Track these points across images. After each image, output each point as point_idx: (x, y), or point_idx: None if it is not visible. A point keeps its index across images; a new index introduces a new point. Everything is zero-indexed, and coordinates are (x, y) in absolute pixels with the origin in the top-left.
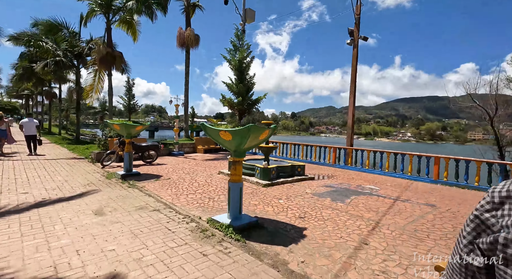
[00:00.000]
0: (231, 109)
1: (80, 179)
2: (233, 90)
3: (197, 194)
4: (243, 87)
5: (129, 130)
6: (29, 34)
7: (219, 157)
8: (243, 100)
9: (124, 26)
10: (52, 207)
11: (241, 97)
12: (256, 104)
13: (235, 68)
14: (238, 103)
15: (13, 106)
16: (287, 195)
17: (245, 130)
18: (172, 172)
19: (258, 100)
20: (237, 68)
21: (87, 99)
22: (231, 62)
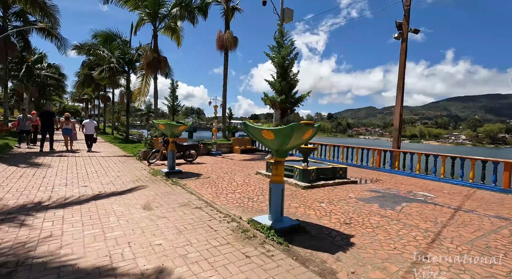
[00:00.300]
0: (273, 108)
1: (130, 175)
2: (275, 88)
3: (236, 193)
4: (286, 85)
5: (173, 130)
6: (90, 44)
7: (256, 158)
8: (286, 99)
9: (169, 33)
10: (107, 200)
11: (284, 96)
12: (299, 103)
13: (278, 65)
14: (281, 101)
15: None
16: (329, 199)
17: (288, 129)
18: (211, 171)
19: (301, 98)
20: (280, 65)
21: (135, 102)
22: (274, 59)
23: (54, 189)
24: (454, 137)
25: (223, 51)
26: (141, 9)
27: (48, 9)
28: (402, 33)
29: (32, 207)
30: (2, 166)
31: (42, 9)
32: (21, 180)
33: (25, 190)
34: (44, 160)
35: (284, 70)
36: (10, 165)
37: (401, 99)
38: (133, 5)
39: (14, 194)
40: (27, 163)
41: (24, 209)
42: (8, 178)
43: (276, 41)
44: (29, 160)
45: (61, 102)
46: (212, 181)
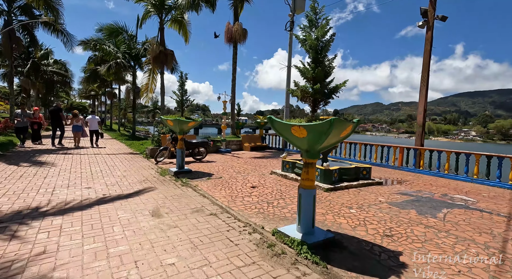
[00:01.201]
0: (303, 101)
1: (136, 175)
2: (307, 76)
3: (253, 197)
4: (321, 71)
5: (182, 126)
6: (95, 39)
7: (267, 155)
8: (321, 87)
9: (176, 26)
10: (112, 205)
11: (319, 84)
12: (334, 94)
13: (310, 48)
14: (315, 91)
15: (83, 106)
16: (357, 203)
17: (325, 125)
18: (223, 170)
19: (337, 88)
20: (313, 48)
21: (142, 98)
22: (307, 41)
23: (54, 191)
24: (464, 133)
25: (231, 44)
26: (147, 0)
27: (52, 2)
28: (427, 21)
29: (28, 214)
30: (3, 165)
31: (46, 2)
32: (21, 181)
33: (23, 193)
34: (48, 157)
35: (319, 54)
36: (11, 164)
37: (425, 93)
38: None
39: (10, 197)
40: (30, 162)
41: (19, 216)
42: (7, 178)
43: (308, 20)
44: (32, 158)
45: (68, 99)
46: (225, 181)
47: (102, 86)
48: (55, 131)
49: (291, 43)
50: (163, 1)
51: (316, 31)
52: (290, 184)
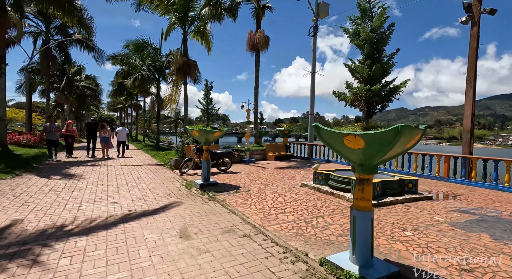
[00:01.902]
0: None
1: (162, 188)
2: (361, 75)
3: (288, 214)
4: (379, 69)
5: (208, 137)
6: (122, 54)
7: (293, 165)
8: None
9: (198, 37)
10: (137, 223)
11: (378, 84)
12: (393, 96)
13: (365, 42)
14: (373, 93)
15: (111, 118)
16: (411, 223)
17: (391, 133)
18: (250, 183)
19: (397, 88)
20: (368, 42)
21: (166, 109)
22: (360, 34)
23: (81, 206)
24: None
25: (254, 52)
26: (171, 13)
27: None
28: (472, 16)
29: (52, 233)
30: (35, 178)
31: (80, 20)
32: (49, 195)
33: (50, 208)
34: (77, 170)
35: (375, 48)
36: (43, 177)
37: (472, 95)
38: (163, 10)
39: (37, 213)
40: (60, 174)
41: (43, 236)
42: (36, 192)
43: (361, 9)
44: (63, 170)
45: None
46: (254, 195)
47: (129, 98)
48: (90, 143)
49: (314, 49)
50: (186, 13)
51: (374, 21)
52: (326, 199)
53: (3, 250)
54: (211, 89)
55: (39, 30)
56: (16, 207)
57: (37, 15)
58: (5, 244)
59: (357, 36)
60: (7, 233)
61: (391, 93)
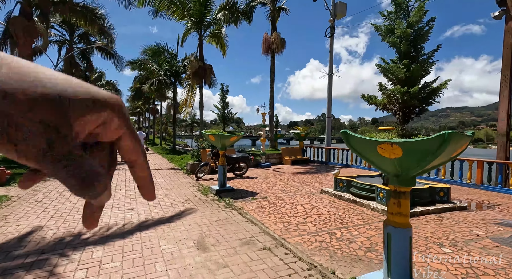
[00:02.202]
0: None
1: (178, 194)
2: (396, 76)
3: (309, 224)
4: (418, 69)
5: (224, 141)
6: (140, 59)
7: (311, 170)
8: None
9: (214, 41)
10: (154, 232)
11: (417, 86)
12: (434, 97)
13: (401, 40)
14: (412, 95)
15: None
16: (447, 238)
17: (435, 141)
18: (267, 189)
19: (437, 89)
20: (405, 38)
21: (181, 112)
22: (395, 30)
23: None
24: None
25: (269, 55)
26: (187, 18)
27: (105, 28)
28: (506, 10)
29: (70, 242)
30: (57, 182)
31: (100, 29)
32: (69, 201)
33: (70, 215)
34: None
35: (413, 46)
36: None
37: (508, 95)
38: (180, 15)
39: (57, 220)
40: None
41: (61, 245)
42: (58, 197)
43: (396, 3)
44: None
45: None
46: (272, 202)
47: (146, 103)
48: None
49: (332, 50)
50: (202, 18)
51: (411, 16)
52: (348, 207)
53: (22, 259)
54: (227, 93)
55: (63, 39)
56: (38, 213)
57: (61, 24)
58: (24, 253)
59: (391, 33)
60: (27, 241)
61: (431, 95)
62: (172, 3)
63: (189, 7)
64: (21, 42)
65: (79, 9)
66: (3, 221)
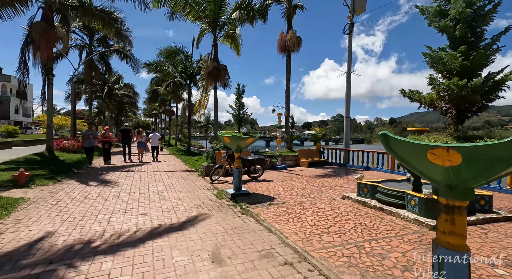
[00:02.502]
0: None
1: (192, 198)
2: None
3: (333, 234)
4: (481, 56)
5: (239, 143)
6: (156, 62)
7: (329, 173)
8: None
9: (228, 41)
10: (167, 240)
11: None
12: (498, 91)
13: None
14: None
15: (147, 124)
16: (497, 255)
17: (508, 147)
18: (284, 193)
19: (503, 80)
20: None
21: (196, 113)
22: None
23: (111, 218)
24: None
25: (285, 54)
26: (202, 19)
27: (122, 31)
28: None
29: (79, 250)
30: (74, 184)
31: (118, 32)
32: (83, 204)
33: (82, 219)
34: (113, 176)
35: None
36: (82, 183)
37: None
38: (194, 16)
39: (69, 225)
40: (97, 180)
41: (70, 254)
42: (72, 200)
43: None
44: (100, 176)
45: (135, 118)
46: (290, 208)
47: (162, 105)
48: (125, 148)
49: (350, 47)
50: (217, 18)
51: None
52: (375, 215)
53: (29, 270)
54: (243, 93)
55: (83, 43)
56: (51, 217)
57: (82, 29)
58: (32, 262)
59: (442, 16)
60: (36, 248)
61: (495, 89)
62: (187, 3)
63: (204, 7)
64: (42, 46)
65: (97, 12)
66: (16, 226)
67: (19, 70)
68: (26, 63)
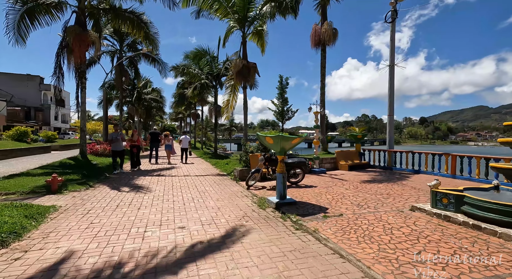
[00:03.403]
0: None
1: (232, 206)
2: None
3: (431, 265)
4: None
5: (284, 145)
6: (183, 64)
7: (377, 178)
8: None
9: (255, 38)
10: (214, 266)
11: None
12: None
13: None
14: None
15: (173, 127)
16: None
17: None
18: (335, 202)
19: None
20: None
21: (223, 115)
22: None
23: (146, 232)
24: None
25: (319, 49)
26: (230, 16)
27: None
28: None
29: (108, 277)
30: (105, 190)
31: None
32: (115, 214)
33: (114, 234)
34: (144, 180)
35: None
36: (113, 188)
37: None
38: (223, 13)
39: (100, 242)
40: (128, 185)
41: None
42: (104, 209)
43: None
44: (131, 180)
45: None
46: (353, 223)
47: (188, 108)
48: (152, 151)
49: (393, 37)
50: (246, 14)
51: None
52: (471, 236)
53: None
54: (286, 87)
55: (114, 49)
56: (81, 230)
57: (113, 35)
58: None
59: None
60: (60, 274)
61: None
62: (216, 0)
63: (232, 4)
64: (76, 50)
65: (127, 14)
66: (43, 241)
67: (55, 75)
68: (61, 67)
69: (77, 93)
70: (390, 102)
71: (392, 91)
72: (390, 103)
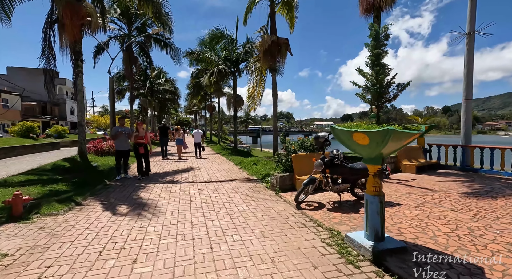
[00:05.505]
0: None
1: (292, 254)
2: None
3: None
4: None
5: (393, 145)
6: (198, 50)
7: (475, 187)
8: None
9: (284, 10)
10: None
11: None
12: None
13: None
14: None
15: (188, 121)
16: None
17: None
18: (457, 240)
19: None
20: None
21: (249, 104)
22: None
23: None
24: None
25: (370, 16)
26: None
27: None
28: None
29: None
30: (95, 212)
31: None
32: (100, 263)
33: None
34: (151, 192)
35: None
36: (106, 209)
37: None
38: None
39: None
40: (129, 202)
41: None
42: (76, 261)
43: None
44: (135, 192)
45: (177, 115)
46: None
47: (203, 100)
48: (163, 146)
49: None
50: None
51: None
52: None
53: None
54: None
55: (123, 34)
56: None
57: (120, 18)
58: None
59: None
60: None
61: None
62: None
63: None
64: (68, 23)
65: None
66: None
67: (43, 56)
68: (52, 47)
69: (73, 80)
70: (467, 82)
71: (470, 68)
72: (467, 84)
